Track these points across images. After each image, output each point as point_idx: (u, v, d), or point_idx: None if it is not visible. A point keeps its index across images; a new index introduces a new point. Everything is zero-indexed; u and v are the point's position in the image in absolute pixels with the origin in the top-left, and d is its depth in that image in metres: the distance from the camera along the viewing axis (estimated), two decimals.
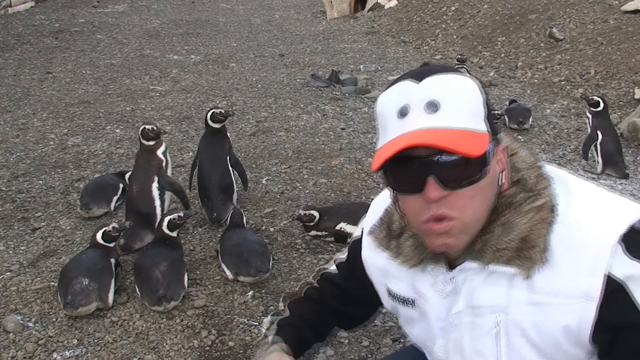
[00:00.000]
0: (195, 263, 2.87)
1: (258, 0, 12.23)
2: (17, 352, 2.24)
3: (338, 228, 3.00)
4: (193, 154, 3.85)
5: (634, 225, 1.01)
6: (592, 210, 1.03)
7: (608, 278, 0.97)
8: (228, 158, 3.30)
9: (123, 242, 2.88)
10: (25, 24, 8.95)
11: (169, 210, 2.85)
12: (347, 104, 5.45)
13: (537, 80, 5.98)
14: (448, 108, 0.98)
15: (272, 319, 1.49)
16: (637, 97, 5.01)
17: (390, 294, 1.28)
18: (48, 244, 3.05)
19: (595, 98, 3.98)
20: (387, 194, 1.26)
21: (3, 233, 3.15)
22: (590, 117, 4.03)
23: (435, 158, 0.97)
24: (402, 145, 0.97)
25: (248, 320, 2.45)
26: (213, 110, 3.28)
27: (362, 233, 1.34)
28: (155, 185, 2.89)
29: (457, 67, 5.18)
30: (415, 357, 1.36)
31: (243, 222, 2.94)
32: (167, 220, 2.67)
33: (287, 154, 4.24)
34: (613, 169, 3.95)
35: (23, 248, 3.01)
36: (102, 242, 2.64)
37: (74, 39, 8.27)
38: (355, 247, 1.36)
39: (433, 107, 0.98)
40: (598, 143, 3.94)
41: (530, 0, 7.52)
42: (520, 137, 4.62)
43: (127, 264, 2.81)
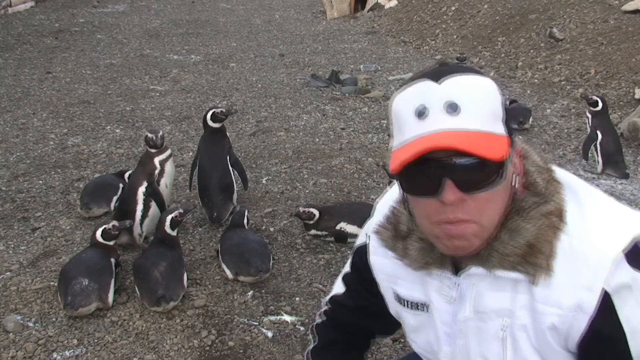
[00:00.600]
0: (195, 263, 2.87)
1: (258, 0, 12.22)
2: (17, 352, 2.24)
3: (338, 228, 3.00)
4: (193, 154, 3.85)
5: (638, 240, 1.01)
6: (598, 223, 1.02)
7: (605, 293, 0.97)
8: (228, 158, 3.30)
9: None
10: (25, 24, 8.94)
11: (169, 209, 2.84)
12: (347, 104, 5.44)
13: (537, 80, 5.98)
14: (468, 110, 0.95)
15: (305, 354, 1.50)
16: (637, 97, 5.01)
17: (399, 299, 1.25)
18: (48, 244, 3.04)
19: (595, 98, 3.98)
20: (390, 195, 1.25)
21: (3, 233, 3.15)
22: (590, 117, 4.03)
23: (453, 161, 0.95)
24: (423, 148, 0.94)
25: (248, 320, 2.45)
26: (213, 110, 3.27)
27: (367, 238, 1.30)
28: (142, 190, 2.93)
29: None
30: None
31: (244, 222, 2.94)
32: (169, 219, 2.66)
33: (287, 154, 4.24)
34: (613, 169, 3.95)
35: (23, 248, 3.01)
36: (102, 240, 2.64)
37: (74, 39, 8.27)
38: (361, 252, 1.32)
39: (453, 108, 0.95)
40: (598, 143, 3.93)
41: (530, 0, 7.52)
42: (521, 137, 4.60)
43: (127, 264, 2.81)
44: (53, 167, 4.03)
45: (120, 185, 3.42)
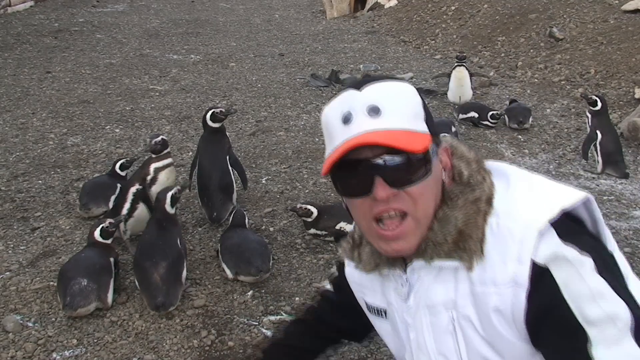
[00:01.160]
0: (195, 263, 2.86)
1: (258, 0, 12.22)
2: (16, 352, 2.23)
3: (338, 227, 2.99)
4: (193, 154, 3.84)
5: (568, 211, 1.03)
6: (524, 200, 1.06)
7: (533, 264, 0.99)
8: (227, 157, 3.30)
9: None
10: (25, 24, 8.94)
11: (165, 188, 2.81)
12: None
13: (537, 80, 5.98)
14: (389, 111, 1.03)
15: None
16: (637, 96, 5.01)
17: (368, 307, 1.32)
18: (47, 244, 3.04)
19: (594, 97, 3.98)
20: None
21: (2, 233, 3.15)
22: (590, 116, 4.03)
23: (381, 159, 1.02)
24: (348, 147, 1.01)
25: (248, 320, 2.45)
26: (213, 110, 3.27)
27: None
28: (133, 191, 3.00)
29: (457, 64, 5.17)
30: None
31: (245, 222, 2.94)
32: (169, 196, 2.63)
33: (286, 154, 4.24)
34: (613, 169, 3.95)
35: (22, 248, 3.01)
36: (101, 239, 2.63)
37: (74, 39, 8.27)
38: (341, 264, 1.42)
39: (375, 111, 1.03)
40: (598, 143, 3.93)
41: (530, 0, 7.51)
42: (520, 136, 4.61)
43: (126, 264, 2.81)
44: (52, 167, 4.03)
45: (118, 185, 3.42)
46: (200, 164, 3.26)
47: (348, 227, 2.98)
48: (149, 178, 2.97)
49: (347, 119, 1.04)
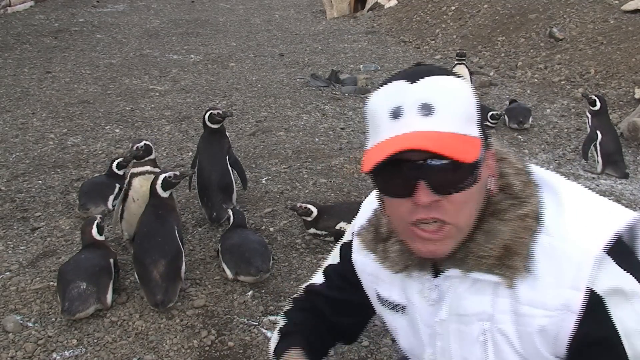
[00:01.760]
0: (195, 263, 2.87)
1: (258, 0, 12.22)
2: (16, 352, 2.23)
3: (338, 227, 2.99)
4: (192, 154, 3.84)
5: (621, 234, 1.00)
6: (578, 220, 1.01)
7: (590, 292, 0.96)
8: (227, 158, 3.30)
9: None
10: (25, 24, 8.94)
11: (164, 169, 2.78)
12: (347, 104, 5.44)
13: (537, 80, 5.98)
14: (442, 111, 0.95)
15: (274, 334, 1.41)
16: (637, 96, 5.01)
17: (380, 300, 1.26)
18: (47, 244, 3.04)
19: (593, 97, 3.98)
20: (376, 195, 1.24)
21: (2, 233, 3.15)
22: (590, 116, 4.03)
23: (427, 162, 0.95)
24: (396, 149, 0.94)
25: (248, 320, 2.45)
26: (211, 112, 3.26)
27: (352, 236, 1.32)
28: (112, 196, 3.34)
29: (457, 62, 5.16)
30: None
31: (245, 222, 2.93)
32: (161, 179, 2.55)
33: (286, 154, 4.24)
34: (613, 169, 3.95)
35: (22, 248, 3.01)
36: (98, 237, 2.63)
37: (74, 39, 8.27)
38: (346, 250, 1.33)
39: (427, 109, 0.95)
40: (598, 143, 3.93)
41: (530, 0, 7.52)
42: (520, 136, 4.62)
43: (126, 264, 2.81)
44: (52, 167, 4.03)
45: (117, 185, 3.41)
46: (200, 164, 3.26)
47: (348, 227, 2.97)
48: (126, 182, 2.93)
49: (396, 114, 0.97)
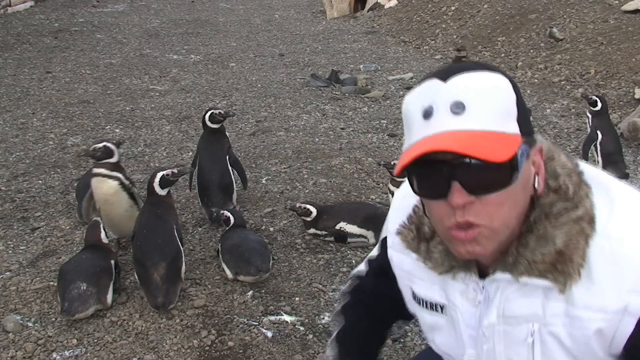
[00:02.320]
0: (195, 263, 2.87)
1: (258, 0, 12.21)
2: (16, 352, 2.23)
3: (338, 227, 2.99)
4: (192, 154, 3.84)
5: None
6: (633, 221, 0.99)
7: None
8: (227, 157, 3.30)
9: None
10: (25, 24, 8.94)
11: (162, 167, 2.77)
12: (347, 104, 5.44)
13: (537, 80, 5.98)
14: (475, 109, 0.92)
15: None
16: (637, 97, 5.01)
17: (416, 298, 1.22)
18: (47, 244, 3.04)
19: (594, 97, 3.98)
20: (409, 189, 1.19)
21: (2, 233, 3.15)
22: (590, 117, 4.02)
23: (461, 162, 0.92)
24: (422, 150, 0.91)
25: (248, 320, 2.45)
26: (212, 111, 3.26)
27: (387, 232, 1.29)
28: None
29: (456, 56, 5.16)
30: None
31: (244, 222, 2.94)
32: (159, 176, 2.55)
33: (286, 154, 4.24)
34: (613, 169, 3.93)
35: (22, 248, 3.01)
36: (106, 240, 2.64)
37: (74, 39, 8.26)
38: (384, 244, 1.31)
39: (459, 108, 0.92)
40: (598, 143, 3.93)
41: (530, 0, 7.51)
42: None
43: (126, 264, 2.81)
44: (53, 167, 4.03)
45: None
46: (200, 164, 3.26)
47: (348, 227, 2.98)
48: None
49: (427, 114, 0.94)
